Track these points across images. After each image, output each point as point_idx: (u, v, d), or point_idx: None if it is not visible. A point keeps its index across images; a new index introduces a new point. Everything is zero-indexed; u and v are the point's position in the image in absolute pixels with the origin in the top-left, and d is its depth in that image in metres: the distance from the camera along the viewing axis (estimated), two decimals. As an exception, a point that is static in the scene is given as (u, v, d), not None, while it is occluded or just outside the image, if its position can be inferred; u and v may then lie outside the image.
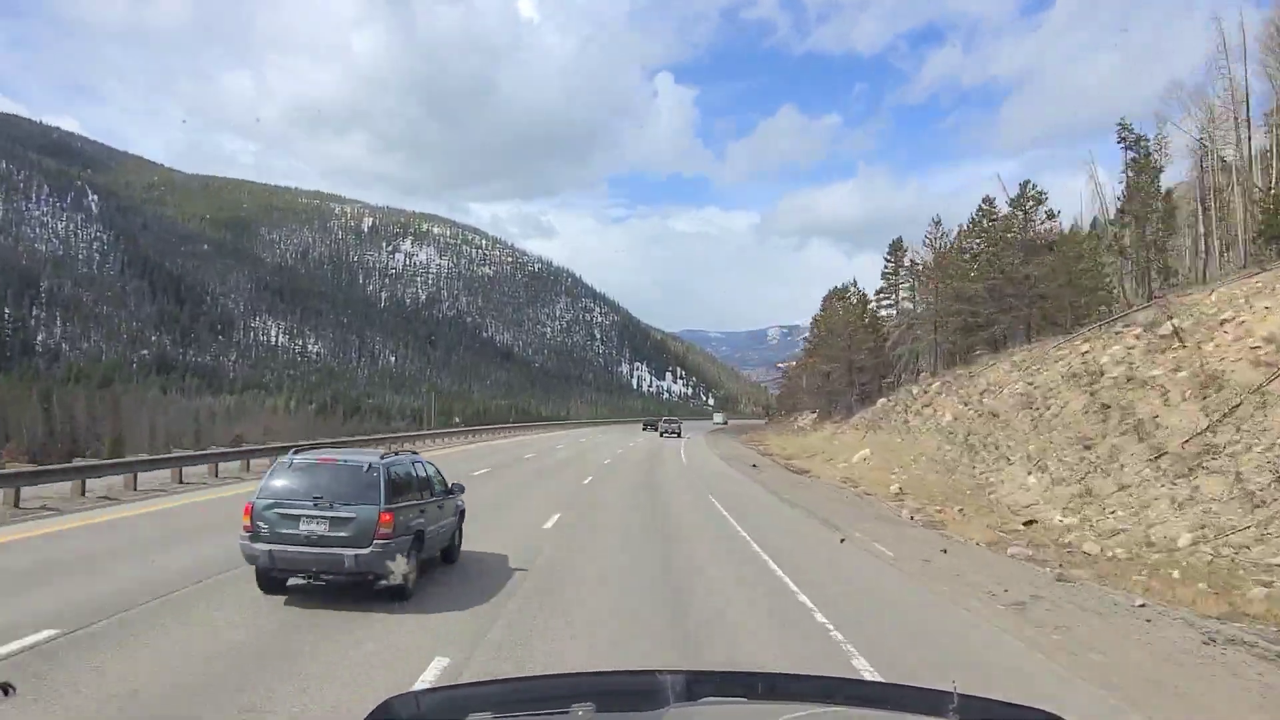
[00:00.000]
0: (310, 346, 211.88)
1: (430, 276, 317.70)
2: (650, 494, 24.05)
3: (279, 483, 8.97)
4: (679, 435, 68.46)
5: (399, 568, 8.65)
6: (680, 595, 10.72)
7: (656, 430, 75.12)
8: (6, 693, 5.07)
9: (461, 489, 11.92)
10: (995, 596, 11.25)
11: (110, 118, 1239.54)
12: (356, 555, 8.52)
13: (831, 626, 9.16)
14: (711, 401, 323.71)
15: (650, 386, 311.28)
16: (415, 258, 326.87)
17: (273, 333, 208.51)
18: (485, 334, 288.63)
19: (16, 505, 15.25)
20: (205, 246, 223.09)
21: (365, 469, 8.97)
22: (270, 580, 9.03)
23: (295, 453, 9.39)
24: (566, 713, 1.81)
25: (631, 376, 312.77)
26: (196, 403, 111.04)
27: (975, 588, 11.84)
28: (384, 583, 8.71)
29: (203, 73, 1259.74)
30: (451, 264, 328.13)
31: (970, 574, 12.91)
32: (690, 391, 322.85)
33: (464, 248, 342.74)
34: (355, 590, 9.01)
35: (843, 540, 16.10)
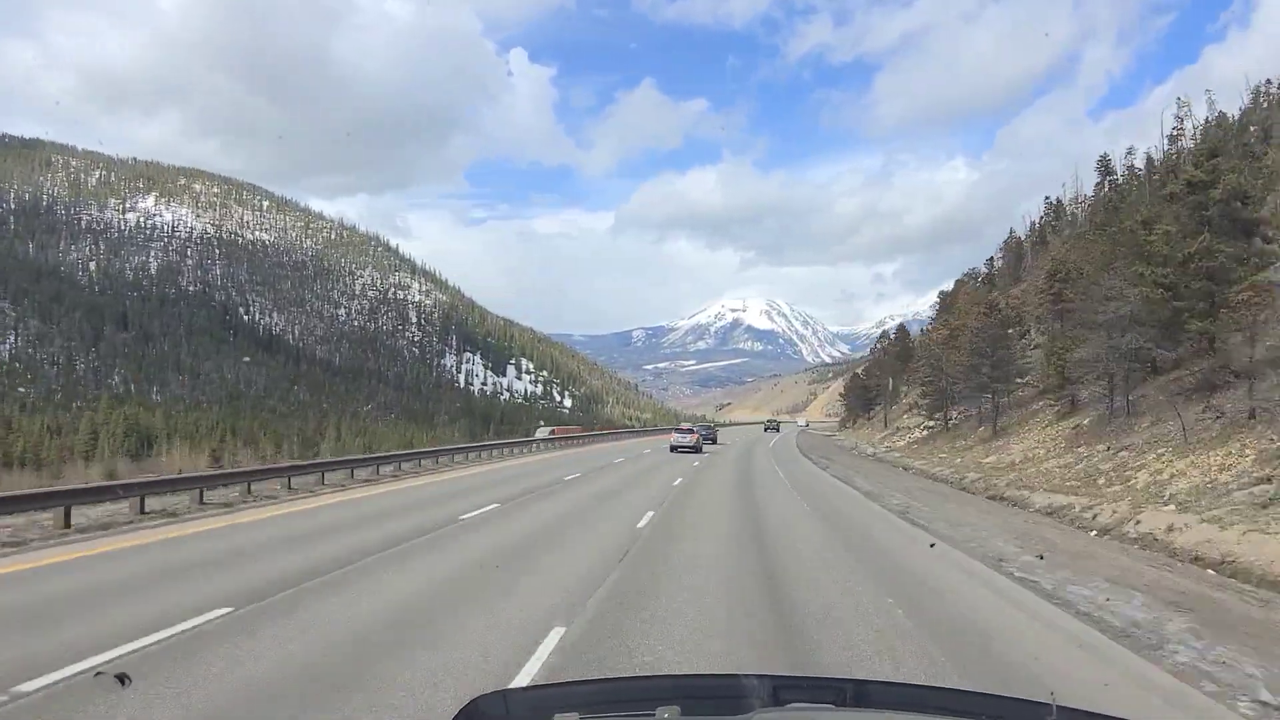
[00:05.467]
0: None
1: (175, 241, 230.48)
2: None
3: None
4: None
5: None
6: None
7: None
8: (124, 683, 4.59)
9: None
10: None
11: None
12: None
13: None
14: (569, 403, 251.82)
15: (485, 384, 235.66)
16: (157, 218, 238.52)
17: None
18: (244, 316, 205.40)
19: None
20: None
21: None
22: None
23: None
24: (652, 715, 1.77)
25: (459, 371, 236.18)
26: None
27: None
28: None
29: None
30: (211, 226, 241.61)
31: None
32: (540, 390, 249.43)
33: (233, 206, 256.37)
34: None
35: None
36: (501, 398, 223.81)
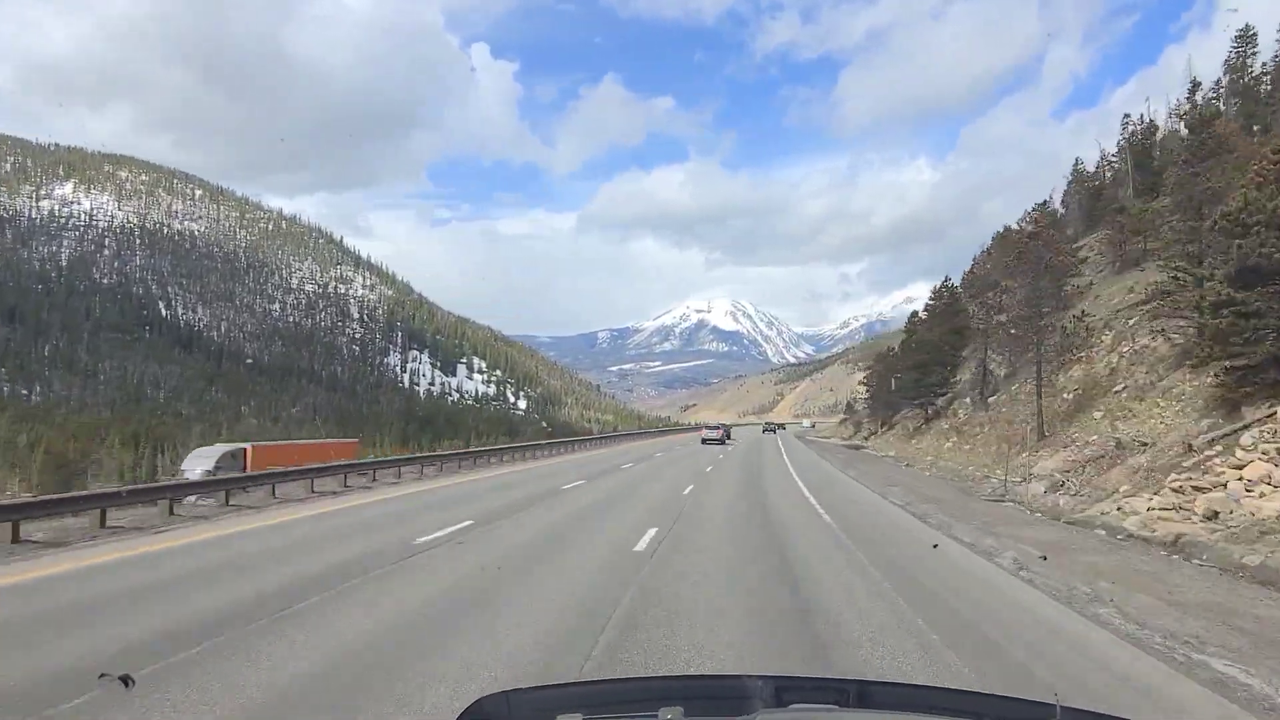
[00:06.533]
0: None
1: (93, 231, 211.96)
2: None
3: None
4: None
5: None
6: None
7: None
8: (128, 684, 4.49)
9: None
10: None
11: None
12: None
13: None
14: (524, 404, 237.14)
15: (433, 384, 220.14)
16: (74, 206, 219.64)
17: None
18: (163, 311, 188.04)
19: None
20: None
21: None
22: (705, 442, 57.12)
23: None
24: (655, 716, 1.76)
25: (404, 370, 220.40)
26: None
27: None
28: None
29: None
30: (134, 215, 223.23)
31: None
32: (493, 391, 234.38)
33: (160, 195, 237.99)
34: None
35: None
36: (450, 399, 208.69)
